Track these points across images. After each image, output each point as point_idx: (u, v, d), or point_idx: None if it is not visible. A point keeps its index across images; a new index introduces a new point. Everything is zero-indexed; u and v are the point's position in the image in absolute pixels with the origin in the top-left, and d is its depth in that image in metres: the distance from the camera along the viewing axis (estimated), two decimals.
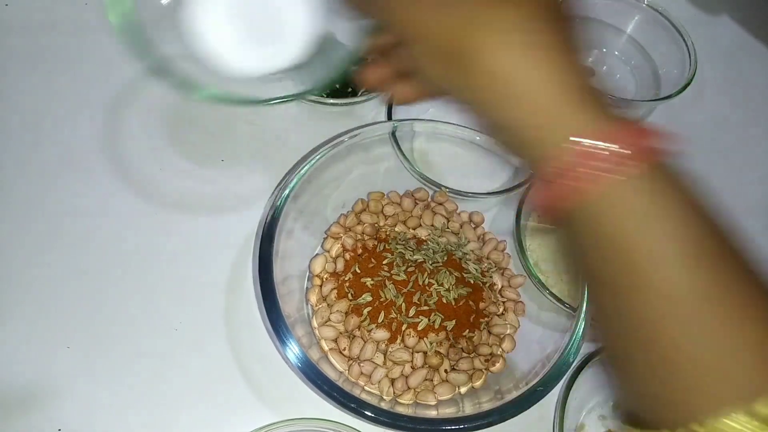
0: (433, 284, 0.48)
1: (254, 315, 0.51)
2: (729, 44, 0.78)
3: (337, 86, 0.63)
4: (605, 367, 0.50)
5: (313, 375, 0.40)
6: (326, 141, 0.48)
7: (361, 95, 0.60)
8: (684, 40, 0.65)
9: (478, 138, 0.53)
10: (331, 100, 0.59)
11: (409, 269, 0.49)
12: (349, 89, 0.63)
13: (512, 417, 0.40)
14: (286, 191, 0.46)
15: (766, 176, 0.68)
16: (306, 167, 0.47)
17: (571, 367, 0.49)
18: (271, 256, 0.44)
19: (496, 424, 0.40)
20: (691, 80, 0.64)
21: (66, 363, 0.48)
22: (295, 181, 0.46)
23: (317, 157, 0.47)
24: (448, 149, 0.56)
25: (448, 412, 0.45)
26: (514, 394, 0.41)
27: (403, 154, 0.53)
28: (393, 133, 0.52)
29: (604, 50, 0.70)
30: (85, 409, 0.47)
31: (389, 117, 0.55)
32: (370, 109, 0.64)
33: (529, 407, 0.41)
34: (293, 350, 0.41)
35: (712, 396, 0.27)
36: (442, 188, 0.54)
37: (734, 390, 0.26)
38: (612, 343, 0.31)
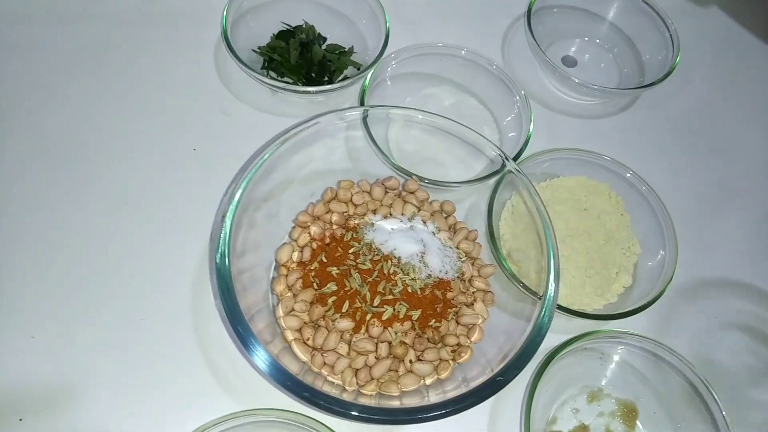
0: (398, 273, 0.47)
1: (219, 307, 0.51)
2: (717, 34, 0.76)
3: (313, 74, 0.62)
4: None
5: (274, 370, 0.39)
6: (289, 128, 0.47)
7: (336, 83, 0.59)
8: (666, 26, 0.64)
9: (452, 127, 0.52)
10: (306, 88, 0.58)
11: (375, 258, 0.48)
12: (326, 77, 0.62)
13: (473, 406, 0.39)
14: (243, 184, 0.45)
15: (750, 163, 0.67)
16: (266, 155, 0.46)
17: (541, 358, 0.49)
18: (227, 257, 0.42)
19: (455, 414, 0.39)
20: (675, 66, 0.62)
21: (30, 353, 0.48)
22: (250, 174, 0.45)
23: (276, 147, 0.47)
24: (421, 138, 0.55)
25: (412, 402, 0.44)
26: (478, 382, 0.41)
27: (374, 141, 0.52)
28: (365, 119, 0.52)
29: (586, 39, 0.69)
30: (47, 396, 0.46)
31: (361, 103, 0.55)
32: (347, 97, 0.64)
33: (491, 396, 0.40)
34: (257, 353, 0.40)
35: None
36: (413, 176, 0.53)
37: None
38: None
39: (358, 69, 0.63)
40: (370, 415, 0.39)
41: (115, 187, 0.56)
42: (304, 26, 0.65)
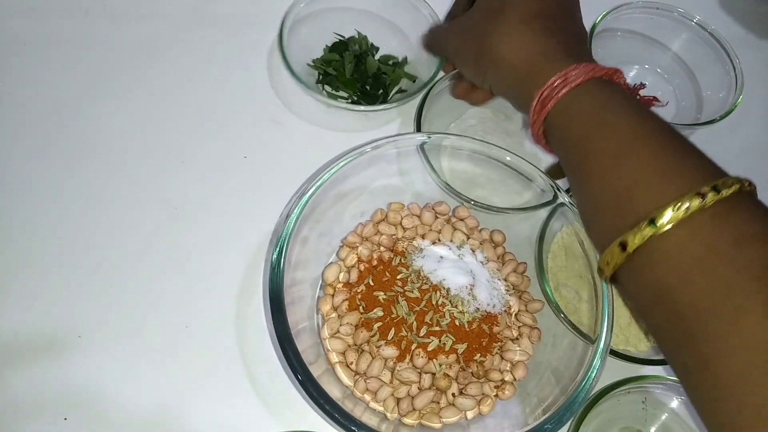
0: (447, 305, 0.47)
1: (264, 321, 0.51)
2: None
3: (368, 87, 0.62)
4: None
5: (315, 393, 0.39)
6: (350, 149, 0.47)
7: (390, 100, 0.58)
8: (732, 63, 0.62)
9: (502, 156, 0.51)
10: (362, 108, 0.58)
11: (424, 287, 0.48)
12: (380, 90, 0.62)
13: None
14: (303, 200, 0.45)
15: None
16: (325, 176, 0.46)
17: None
18: (282, 276, 0.42)
19: None
20: (736, 106, 0.61)
21: (77, 354, 0.48)
22: (311, 191, 0.45)
23: (337, 166, 0.46)
24: (473, 168, 0.55)
25: None
26: (524, 428, 0.40)
27: (431, 164, 0.52)
28: (422, 146, 0.51)
29: (647, 67, 0.68)
30: (91, 400, 0.47)
31: (418, 129, 0.54)
32: (396, 115, 0.63)
33: None
34: (298, 370, 0.40)
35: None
36: (463, 199, 0.52)
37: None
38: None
39: (413, 81, 0.62)
40: None
41: (164, 191, 0.56)
42: (357, 37, 0.64)
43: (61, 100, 0.59)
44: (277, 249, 0.43)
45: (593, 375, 0.41)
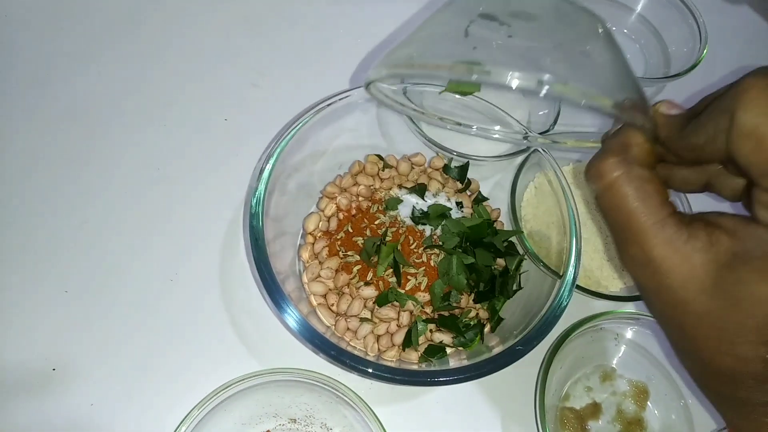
0: (422, 246, 0.49)
1: (247, 270, 0.52)
2: (745, 31, 0.77)
3: None
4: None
5: (303, 328, 0.41)
6: (321, 100, 0.49)
7: None
8: (695, 18, 0.64)
9: (482, 107, 0.52)
10: None
11: (400, 230, 0.50)
12: None
13: (490, 373, 0.41)
14: (277, 151, 0.46)
15: None
16: (298, 127, 0.47)
17: (557, 335, 0.50)
18: (261, 223, 0.44)
19: (473, 379, 0.40)
20: (701, 59, 0.63)
21: (63, 307, 0.50)
22: (284, 142, 0.46)
23: (309, 117, 0.48)
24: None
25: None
26: (496, 352, 0.42)
27: (409, 116, 0.53)
28: (403, 94, 0.52)
29: (613, 29, 0.70)
30: (79, 351, 0.48)
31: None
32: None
33: (508, 365, 0.41)
34: (289, 312, 0.41)
35: None
36: (440, 151, 0.54)
37: None
38: None
39: None
40: (389, 374, 0.40)
41: (146, 152, 0.57)
42: None
43: (42, 67, 0.60)
44: (255, 194, 0.44)
45: (564, 300, 0.43)
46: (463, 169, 0.55)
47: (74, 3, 0.65)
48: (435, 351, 0.46)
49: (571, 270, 0.45)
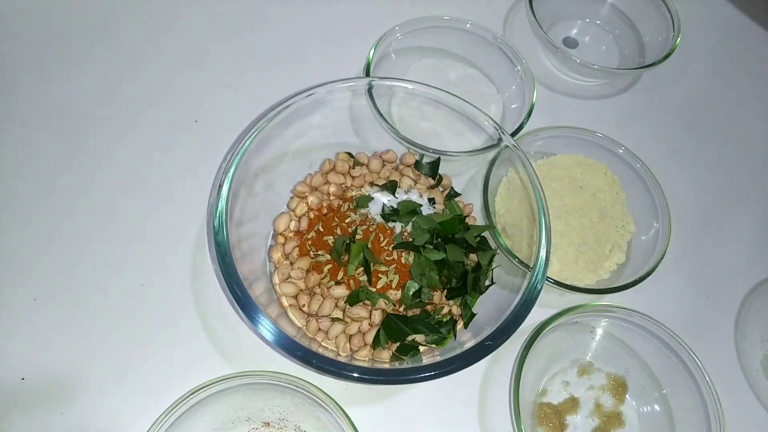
0: (393, 244, 0.48)
1: (218, 274, 0.52)
2: (719, 20, 0.77)
3: None
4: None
5: (270, 332, 0.40)
6: (286, 98, 0.48)
7: None
8: (668, 7, 0.64)
9: (453, 102, 0.52)
10: None
11: (371, 228, 0.49)
12: None
13: (461, 370, 0.40)
14: (239, 153, 0.45)
15: (746, 146, 0.67)
16: (261, 127, 0.46)
17: (531, 330, 0.50)
18: (226, 238, 0.42)
19: (445, 375, 0.40)
20: (675, 47, 0.62)
21: (32, 315, 0.49)
22: (246, 144, 0.45)
23: (270, 117, 0.47)
24: (422, 111, 0.56)
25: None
26: (465, 348, 0.41)
27: (379, 112, 0.53)
28: (369, 91, 0.52)
29: (588, 20, 0.70)
30: (48, 359, 0.47)
31: (366, 74, 0.55)
32: (356, 70, 0.64)
33: (479, 360, 0.40)
34: (255, 316, 0.41)
35: None
36: (412, 148, 0.53)
37: None
38: None
39: None
40: (362, 374, 0.39)
41: (117, 157, 0.57)
42: None
43: (12, 71, 0.60)
44: (218, 206, 0.43)
45: (534, 291, 0.43)
46: (435, 165, 0.54)
47: (43, 9, 0.64)
48: (407, 349, 0.46)
49: (541, 256, 0.44)
